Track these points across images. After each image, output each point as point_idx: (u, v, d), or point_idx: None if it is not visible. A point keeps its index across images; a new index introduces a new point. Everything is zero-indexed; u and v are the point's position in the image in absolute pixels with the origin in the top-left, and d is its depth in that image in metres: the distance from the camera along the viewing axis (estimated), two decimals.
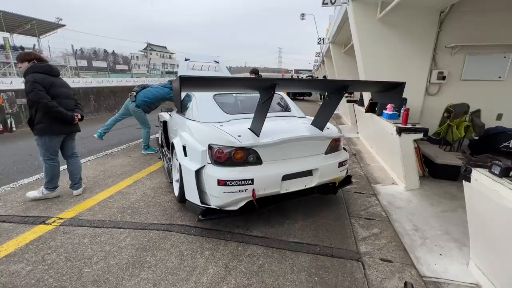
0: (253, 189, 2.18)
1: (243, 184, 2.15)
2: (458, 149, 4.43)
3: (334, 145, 2.66)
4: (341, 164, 2.65)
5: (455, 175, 3.58)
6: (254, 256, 2.13)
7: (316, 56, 16.90)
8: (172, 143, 2.92)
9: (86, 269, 1.94)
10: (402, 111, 3.90)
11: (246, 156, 2.22)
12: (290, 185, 2.37)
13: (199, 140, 2.41)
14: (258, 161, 2.26)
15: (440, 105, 4.40)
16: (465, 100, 4.24)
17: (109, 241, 2.28)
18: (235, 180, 2.13)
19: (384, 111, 4.05)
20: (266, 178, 2.22)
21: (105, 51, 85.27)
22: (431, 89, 4.48)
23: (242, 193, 2.17)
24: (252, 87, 2.38)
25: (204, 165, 2.25)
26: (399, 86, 2.41)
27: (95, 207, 2.87)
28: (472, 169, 1.73)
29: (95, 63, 42.77)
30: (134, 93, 4.75)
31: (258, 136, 2.26)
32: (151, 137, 5.17)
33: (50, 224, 2.52)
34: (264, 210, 2.43)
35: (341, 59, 9.14)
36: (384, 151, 4.31)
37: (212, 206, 2.25)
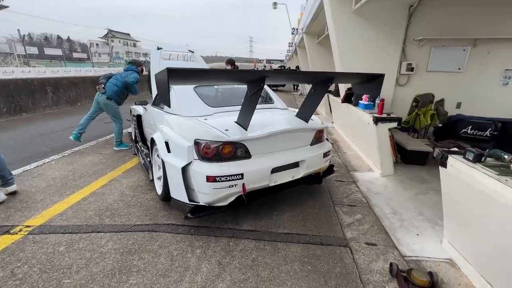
0: (243, 184, 2.15)
1: (233, 180, 2.10)
2: (424, 136, 4.80)
3: (318, 136, 2.70)
4: (325, 155, 2.71)
5: (423, 160, 3.88)
6: (246, 250, 2.12)
7: (289, 46, 16.95)
8: (152, 139, 2.76)
9: (66, 280, 1.78)
10: (377, 101, 4.10)
11: (234, 151, 2.17)
12: (278, 178, 2.38)
13: (183, 135, 2.29)
14: (247, 155, 2.22)
15: (409, 95, 4.70)
16: (430, 90, 4.57)
17: (88, 247, 2.11)
18: (225, 176, 2.07)
19: (360, 101, 4.21)
20: (256, 172, 2.19)
21: (58, 37, 77.24)
22: (401, 80, 4.75)
23: (232, 188, 2.13)
24: (242, 80, 2.31)
25: (191, 162, 2.16)
26: (378, 78, 2.50)
27: (67, 211, 2.63)
28: (448, 155, 1.88)
29: (48, 51, 38.67)
30: (102, 85, 4.37)
31: (246, 130, 2.21)
32: (123, 131, 4.84)
33: (16, 234, 2.26)
34: (253, 204, 2.42)
35: (314, 49, 9.28)
36: (360, 140, 4.52)
37: (201, 203, 2.18)
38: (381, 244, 2.26)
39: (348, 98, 4.63)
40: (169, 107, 2.25)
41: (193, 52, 5.24)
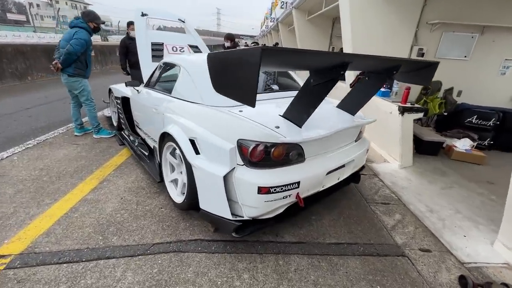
0: (297, 193, 1.78)
1: (288, 189, 1.71)
2: (427, 125, 4.82)
3: (361, 131, 2.40)
4: (367, 151, 2.43)
5: (436, 151, 3.86)
6: (301, 270, 1.80)
7: (271, 21, 15.96)
8: (165, 134, 2.18)
9: None
10: (394, 89, 3.89)
11: (286, 153, 1.75)
12: (326, 181, 2.04)
13: (219, 133, 1.79)
14: (300, 158, 1.82)
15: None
16: (437, 78, 4.50)
17: (101, 282, 1.60)
18: (280, 186, 1.67)
19: None
20: (312, 177, 1.82)
21: None
22: None
23: (285, 199, 1.74)
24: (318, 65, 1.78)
25: (233, 168, 1.70)
26: (431, 66, 2.21)
27: (55, 228, 2.02)
28: None
29: None
30: (56, 61, 3.34)
31: (301, 127, 1.79)
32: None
33: None
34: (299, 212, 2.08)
35: (304, 27, 8.75)
36: (374, 130, 4.35)
37: (245, 218, 1.77)
38: (435, 250, 2.10)
39: None
40: (252, 104, 1.47)
41: (184, 21, 4.44)
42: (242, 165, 1.70)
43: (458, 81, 4.68)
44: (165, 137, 2.25)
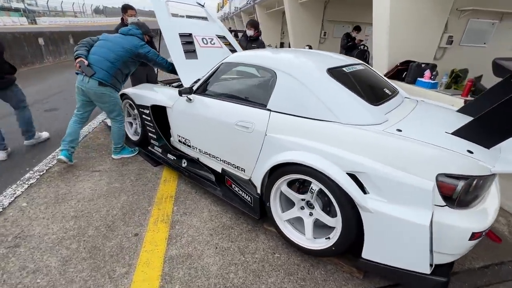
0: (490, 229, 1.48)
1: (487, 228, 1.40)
2: None
3: None
4: None
5: None
6: None
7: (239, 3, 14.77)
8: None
9: None
10: (443, 80, 3.79)
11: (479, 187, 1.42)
12: None
13: (404, 166, 1.36)
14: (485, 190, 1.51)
15: (442, 70, 4.59)
16: (461, 65, 4.55)
17: None
18: (489, 226, 1.35)
19: (419, 78, 3.82)
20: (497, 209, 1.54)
21: None
22: (437, 54, 4.56)
23: (481, 238, 1.44)
24: None
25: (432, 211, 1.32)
26: None
27: None
28: None
29: None
30: (85, 61, 2.55)
31: (489, 149, 1.46)
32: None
33: None
34: None
35: (297, 11, 8.23)
36: None
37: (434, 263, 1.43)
38: None
39: (398, 74, 4.18)
40: None
41: (203, 6, 3.66)
42: (443, 206, 1.33)
43: (478, 69, 4.82)
44: (280, 167, 1.73)
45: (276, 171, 1.78)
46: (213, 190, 2.35)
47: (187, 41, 3.05)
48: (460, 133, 1.51)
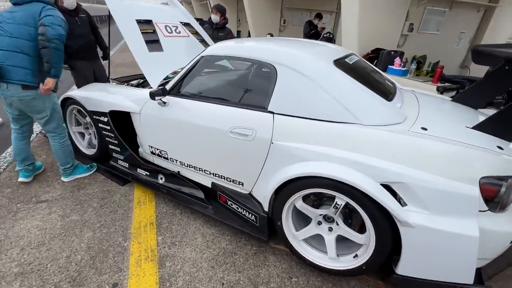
0: None
1: None
2: None
3: None
4: None
5: None
6: None
7: None
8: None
9: None
10: (412, 67, 3.90)
11: None
12: None
13: (443, 171, 1.20)
14: None
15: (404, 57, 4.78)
16: (420, 52, 4.80)
17: None
18: None
19: (390, 66, 3.88)
20: None
21: None
22: (400, 41, 4.71)
23: None
24: None
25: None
26: None
27: None
28: None
29: None
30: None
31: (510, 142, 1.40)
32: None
33: None
34: None
35: (255, 1, 7.82)
36: None
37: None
38: None
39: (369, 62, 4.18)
40: None
41: None
42: (486, 210, 1.22)
43: (432, 54, 5.15)
44: (295, 181, 1.46)
45: (289, 185, 1.50)
46: (202, 209, 1.99)
47: (148, 29, 2.51)
48: (483, 127, 1.43)
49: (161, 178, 2.22)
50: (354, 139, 1.37)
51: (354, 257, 1.49)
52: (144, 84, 2.81)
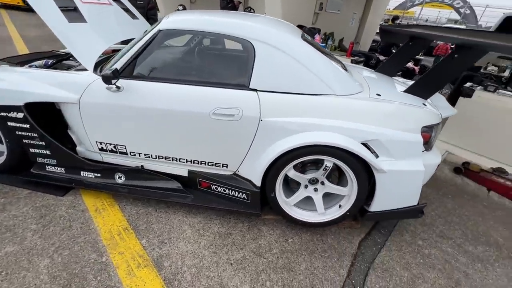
0: None
1: None
2: None
3: None
4: None
5: None
6: None
7: None
8: (297, 148, 1.51)
9: None
10: (330, 42, 4.45)
11: None
12: None
13: (403, 126, 1.56)
14: None
15: None
16: (328, 29, 5.51)
17: None
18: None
19: None
20: None
21: None
22: (313, 19, 5.24)
23: None
24: None
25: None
26: None
27: None
28: (475, 89, 2.90)
29: None
30: None
31: (426, 100, 1.91)
32: None
33: None
34: None
35: None
36: None
37: None
38: None
39: None
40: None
41: None
42: (423, 151, 1.68)
43: (337, 31, 6.00)
44: (288, 153, 1.57)
45: (284, 157, 1.60)
46: (182, 199, 1.87)
47: None
48: (411, 90, 1.88)
49: (119, 177, 1.92)
50: (335, 109, 1.57)
51: (339, 207, 1.78)
52: (56, 65, 2.20)
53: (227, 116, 1.59)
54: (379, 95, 1.71)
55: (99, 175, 1.93)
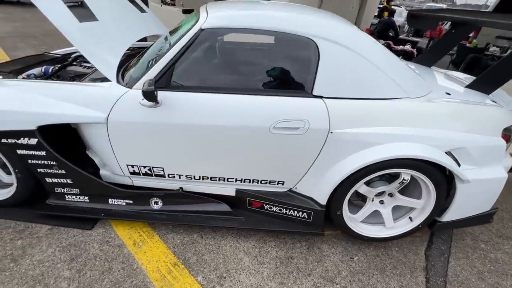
0: None
1: None
2: None
3: None
4: None
5: None
6: None
7: None
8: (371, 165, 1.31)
9: None
10: None
11: None
12: None
13: (484, 130, 1.40)
14: None
15: None
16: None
17: None
18: None
19: None
20: None
21: None
22: (318, 3, 4.95)
23: None
24: None
25: None
26: None
27: None
28: None
29: None
30: None
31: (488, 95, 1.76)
32: None
33: None
34: None
35: None
36: None
37: None
38: None
39: None
40: None
41: None
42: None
43: (341, 15, 5.73)
44: (364, 168, 1.37)
45: (355, 174, 1.41)
46: (229, 223, 1.66)
47: None
48: (474, 85, 1.72)
49: (156, 203, 1.66)
50: (413, 114, 1.39)
51: (410, 220, 1.63)
52: (59, 73, 1.85)
53: (290, 129, 1.36)
54: (448, 94, 1.54)
55: (131, 201, 1.66)
